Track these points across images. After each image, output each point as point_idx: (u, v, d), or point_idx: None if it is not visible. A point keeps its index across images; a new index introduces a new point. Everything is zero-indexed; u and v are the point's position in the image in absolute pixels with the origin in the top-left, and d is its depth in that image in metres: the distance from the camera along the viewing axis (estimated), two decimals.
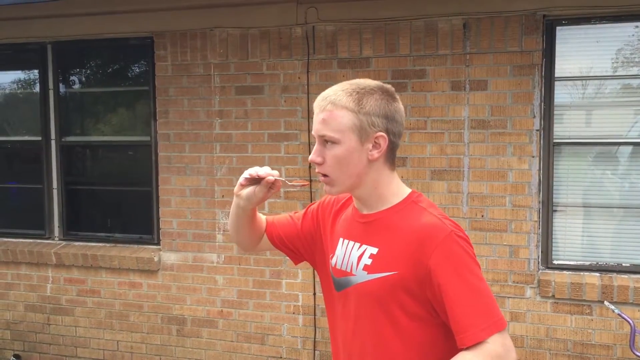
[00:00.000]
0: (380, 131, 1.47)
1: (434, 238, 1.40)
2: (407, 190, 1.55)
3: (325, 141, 1.48)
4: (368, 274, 1.48)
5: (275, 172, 1.56)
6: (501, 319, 1.38)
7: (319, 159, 1.50)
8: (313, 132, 1.53)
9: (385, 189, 1.52)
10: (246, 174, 1.58)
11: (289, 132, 4.07)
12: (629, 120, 3.71)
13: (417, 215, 1.47)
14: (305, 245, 1.75)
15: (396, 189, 1.54)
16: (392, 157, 1.53)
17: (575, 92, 3.74)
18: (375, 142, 1.47)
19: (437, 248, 1.39)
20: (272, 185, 1.55)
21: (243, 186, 1.60)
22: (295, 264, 1.85)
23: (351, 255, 1.54)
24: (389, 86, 1.53)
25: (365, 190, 1.53)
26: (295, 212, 1.82)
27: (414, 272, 1.41)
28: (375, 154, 1.48)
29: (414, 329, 1.45)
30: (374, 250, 1.49)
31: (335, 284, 1.61)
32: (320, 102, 1.50)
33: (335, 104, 1.46)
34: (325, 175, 1.51)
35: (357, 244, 1.54)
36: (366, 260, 1.49)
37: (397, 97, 1.53)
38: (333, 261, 1.61)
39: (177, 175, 4.33)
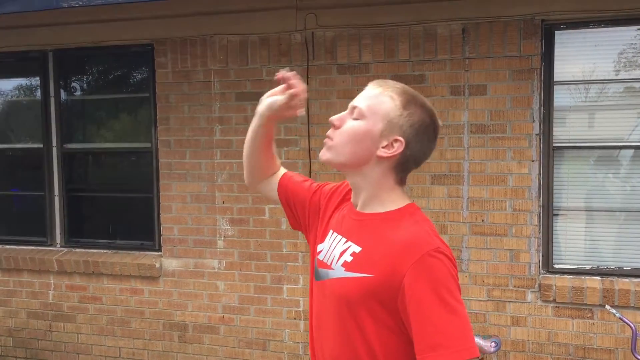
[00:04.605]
0: (403, 137, 1.45)
1: (417, 250, 1.35)
2: (406, 202, 1.52)
3: (354, 112, 1.48)
4: (345, 270, 1.45)
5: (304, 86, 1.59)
6: (474, 346, 1.29)
7: (337, 122, 1.50)
8: (351, 103, 1.52)
9: (383, 193, 1.50)
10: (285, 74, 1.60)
11: (289, 138, 4.08)
12: (629, 124, 3.71)
13: (407, 225, 1.43)
14: (305, 216, 1.72)
15: (395, 197, 1.51)
16: (401, 172, 1.50)
17: (574, 95, 3.75)
18: (391, 142, 1.45)
19: (417, 261, 1.33)
20: (293, 98, 1.57)
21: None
22: (293, 228, 1.82)
23: (335, 249, 1.52)
24: (439, 120, 1.51)
25: (362, 182, 1.50)
26: (313, 182, 1.79)
27: (389, 279, 1.36)
28: (384, 152, 1.45)
29: (380, 337, 1.40)
30: (357, 249, 1.46)
31: (316, 273, 1.59)
32: (378, 82, 1.51)
33: (388, 90, 1.47)
34: (330, 138, 1.51)
35: (344, 239, 1.51)
36: (347, 257, 1.47)
37: (438, 134, 1.52)
38: (318, 250, 1.60)
39: (177, 182, 4.35)
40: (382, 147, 1.45)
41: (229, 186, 4.23)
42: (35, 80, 4.77)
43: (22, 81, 4.92)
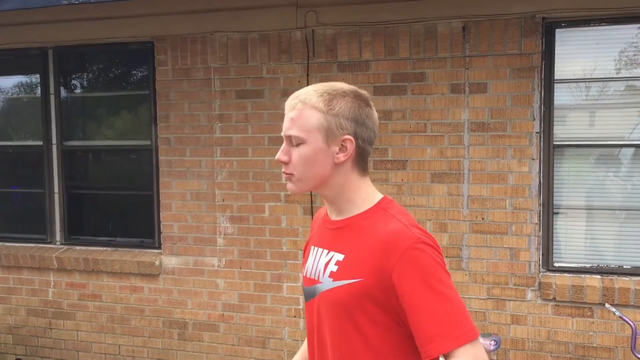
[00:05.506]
0: (348, 134, 1.43)
1: (399, 246, 1.34)
2: (378, 197, 1.50)
3: (292, 140, 1.46)
4: (333, 280, 1.43)
5: None
6: (472, 328, 1.30)
7: (285, 158, 1.47)
8: (282, 132, 1.50)
9: (353, 193, 1.48)
10: None
11: None
12: (630, 122, 3.70)
13: (385, 222, 1.42)
14: None
15: (366, 194, 1.49)
16: (362, 162, 1.49)
17: (575, 94, 3.74)
18: (342, 145, 1.44)
19: (401, 256, 1.33)
20: None
21: None
22: None
23: (319, 262, 1.50)
24: (363, 92, 1.49)
25: (332, 192, 1.49)
26: None
27: (378, 280, 1.35)
28: (342, 157, 1.44)
29: (381, 339, 1.39)
30: (340, 257, 1.45)
31: (305, 294, 1.57)
32: (291, 101, 1.47)
33: (305, 103, 1.43)
34: (290, 174, 1.48)
35: (326, 251, 1.50)
36: (332, 267, 1.45)
37: (371, 103, 1.49)
38: (304, 271, 1.58)
39: (177, 179, 4.34)
40: (337, 154, 1.44)
41: (229, 184, 4.22)
42: (36, 78, 4.77)
43: (22, 78, 4.92)
